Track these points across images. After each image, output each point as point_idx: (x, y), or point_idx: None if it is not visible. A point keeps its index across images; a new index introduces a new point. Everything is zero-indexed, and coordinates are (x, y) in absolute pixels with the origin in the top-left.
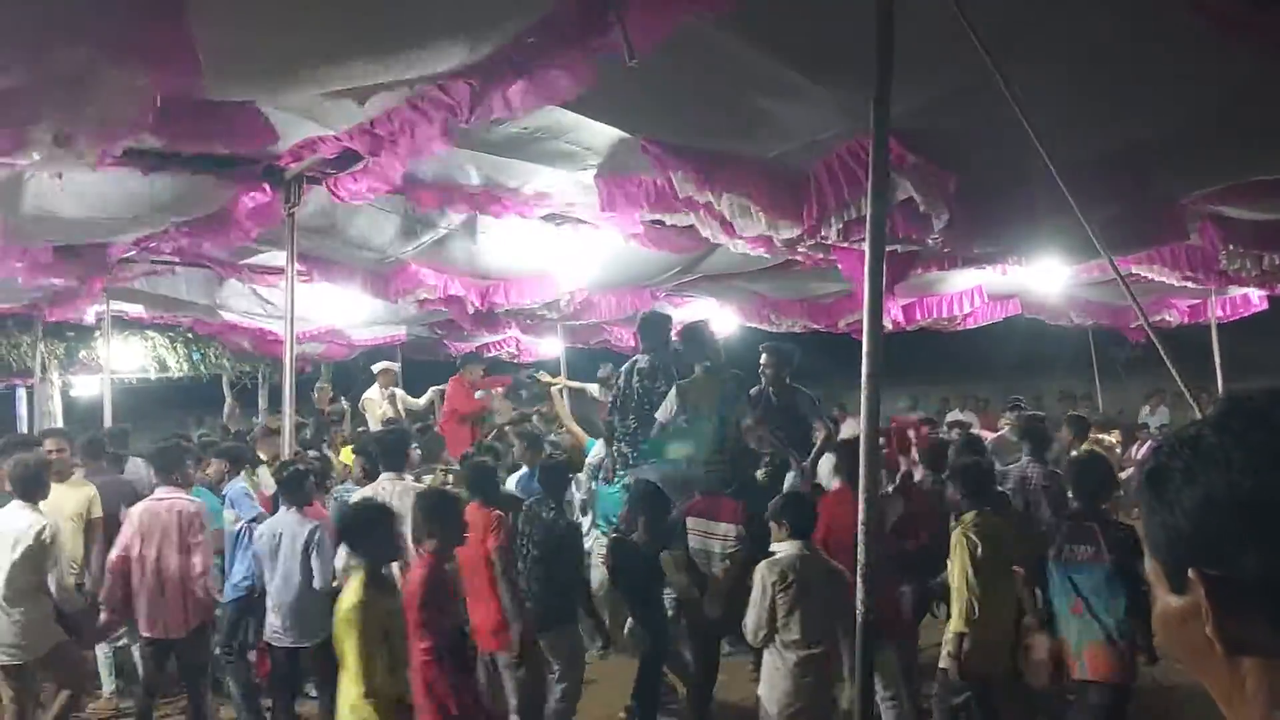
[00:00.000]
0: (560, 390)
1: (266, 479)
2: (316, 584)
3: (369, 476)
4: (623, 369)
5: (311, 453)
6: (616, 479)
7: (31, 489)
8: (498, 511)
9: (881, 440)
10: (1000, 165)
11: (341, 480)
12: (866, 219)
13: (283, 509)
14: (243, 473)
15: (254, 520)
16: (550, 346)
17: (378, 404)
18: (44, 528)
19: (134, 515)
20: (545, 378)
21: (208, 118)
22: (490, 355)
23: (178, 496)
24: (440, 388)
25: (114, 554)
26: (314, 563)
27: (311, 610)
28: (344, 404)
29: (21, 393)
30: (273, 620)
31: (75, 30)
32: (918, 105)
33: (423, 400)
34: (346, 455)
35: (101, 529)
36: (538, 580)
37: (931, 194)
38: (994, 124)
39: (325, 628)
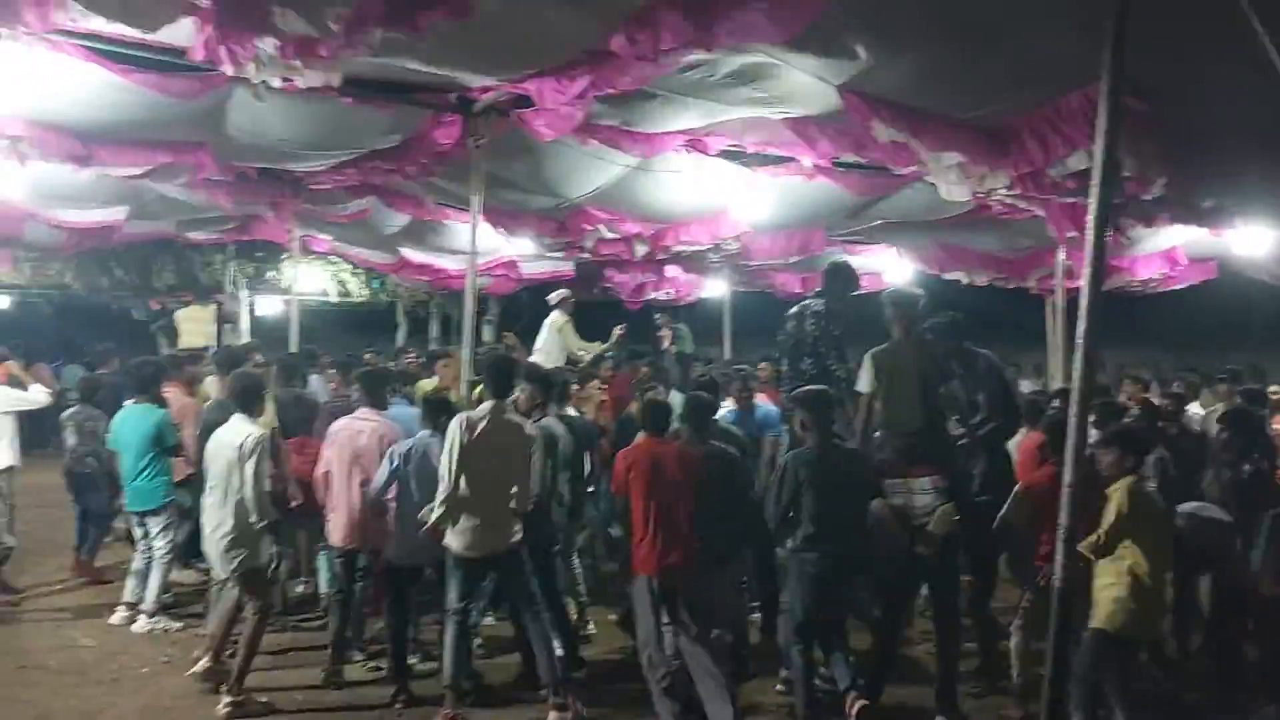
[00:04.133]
0: None
1: None
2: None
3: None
4: (792, 313)
5: None
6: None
7: (250, 402)
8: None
9: None
10: (1228, 118)
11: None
12: (1093, 169)
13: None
14: None
15: None
16: (713, 288)
17: (556, 326)
18: (260, 437)
19: (335, 434)
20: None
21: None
22: (650, 297)
23: (378, 419)
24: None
25: (319, 470)
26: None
27: None
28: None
29: (212, 309)
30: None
31: None
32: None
33: (589, 352)
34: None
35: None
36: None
37: (1145, 153)
38: (1224, 76)
39: None
